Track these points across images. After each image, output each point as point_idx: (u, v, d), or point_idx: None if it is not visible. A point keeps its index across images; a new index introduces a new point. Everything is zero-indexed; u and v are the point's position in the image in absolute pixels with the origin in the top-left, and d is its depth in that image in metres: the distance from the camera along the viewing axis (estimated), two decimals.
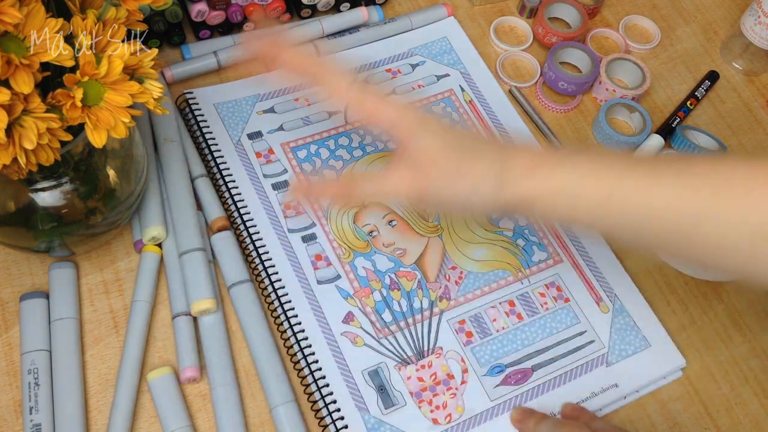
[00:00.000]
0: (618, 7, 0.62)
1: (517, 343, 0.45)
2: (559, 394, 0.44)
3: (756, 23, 0.56)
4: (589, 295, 0.47)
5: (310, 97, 0.53)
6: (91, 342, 0.43)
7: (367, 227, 0.48)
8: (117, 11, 0.33)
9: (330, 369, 0.42)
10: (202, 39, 0.54)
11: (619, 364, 0.45)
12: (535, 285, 0.47)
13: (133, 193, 0.42)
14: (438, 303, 0.46)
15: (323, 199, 0.48)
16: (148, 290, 0.43)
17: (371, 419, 0.41)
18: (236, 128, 0.50)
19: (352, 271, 0.46)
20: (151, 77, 0.33)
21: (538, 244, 0.49)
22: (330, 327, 0.44)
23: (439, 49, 0.56)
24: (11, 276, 0.44)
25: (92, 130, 0.32)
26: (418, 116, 0.38)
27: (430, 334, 0.45)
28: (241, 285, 0.44)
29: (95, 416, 0.40)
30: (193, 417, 0.41)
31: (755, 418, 0.45)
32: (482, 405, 0.43)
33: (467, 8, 0.60)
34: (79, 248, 0.43)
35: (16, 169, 0.32)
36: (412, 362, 0.43)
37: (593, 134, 0.56)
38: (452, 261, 0.47)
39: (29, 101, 0.30)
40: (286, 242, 0.46)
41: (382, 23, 0.56)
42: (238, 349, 0.43)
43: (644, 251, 0.49)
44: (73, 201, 0.39)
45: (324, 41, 0.55)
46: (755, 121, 0.58)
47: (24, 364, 0.40)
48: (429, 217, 0.49)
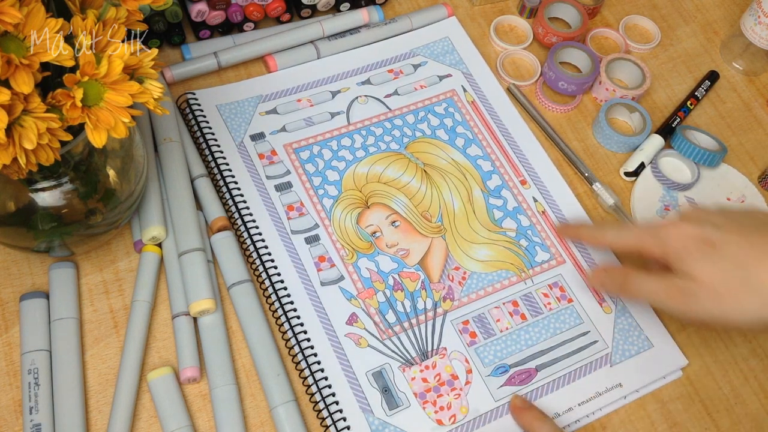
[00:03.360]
0: (618, 7, 0.62)
1: (520, 344, 0.45)
2: (563, 394, 0.44)
3: (756, 23, 0.56)
4: (592, 295, 0.47)
5: (312, 97, 0.53)
6: (91, 342, 0.42)
7: (370, 228, 0.48)
8: (117, 11, 0.33)
9: (334, 370, 0.42)
10: (202, 39, 0.54)
11: (623, 364, 0.45)
12: (539, 285, 0.47)
13: (133, 193, 0.42)
14: (442, 303, 0.46)
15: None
16: (148, 290, 0.43)
17: (375, 421, 0.41)
18: (239, 129, 0.50)
19: (356, 272, 0.46)
20: (151, 77, 0.33)
21: (541, 244, 0.49)
22: (334, 328, 0.44)
23: (441, 49, 0.56)
24: (11, 276, 0.44)
25: (92, 130, 0.32)
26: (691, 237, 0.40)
27: (434, 334, 0.44)
28: (241, 285, 0.44)
29: (95, 416, 0.40)
30: (193, 417, 0.41)
31: (755, 418, 0.45)
32: (486, 405, 0.43)
33: (467, 8, 0.60)
34: (79, 248, 0.43)
35: (16, 169, 0.32)
36: (416, 363, 0.43)
37: (593, 134, 0.56)
38: (455, 261, 0.47)
39: (29, 101, 0.30)
40: (289, 243, 0.46)
41: (383, 24, 0.56)
42: (238, 349, 0.43)
43: None
44: (73, 201, 0.39)
45: (325, 42, 0.55)
46: (755, 121, 0.58)
47: (24, 364, 0.40)
48: (432, 218, 0.49)
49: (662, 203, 0.52)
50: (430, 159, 0.51)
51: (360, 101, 0.53)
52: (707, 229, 0.41)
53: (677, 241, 0.41)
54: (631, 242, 0.44)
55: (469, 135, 0.53)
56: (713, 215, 0.42)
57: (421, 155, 0.51)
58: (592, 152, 0.55)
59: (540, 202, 0.50)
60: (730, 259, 0.39)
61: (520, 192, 0.51)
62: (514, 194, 0.51)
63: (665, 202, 0.52)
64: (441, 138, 0.52)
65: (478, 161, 0.52)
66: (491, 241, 0.48)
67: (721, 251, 0.40)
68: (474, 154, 0.52)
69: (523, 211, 0.50)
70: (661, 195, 0.53)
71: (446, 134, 0.52)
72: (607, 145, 0.55)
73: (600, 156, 0.55)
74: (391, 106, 0.53)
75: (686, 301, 0.40)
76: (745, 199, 0.53)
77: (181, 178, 0.46)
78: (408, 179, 0.50)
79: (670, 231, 0.41)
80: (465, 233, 0.48)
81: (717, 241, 0.40)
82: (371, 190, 0.49)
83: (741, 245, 0.39)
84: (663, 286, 0.41)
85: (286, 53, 0.54)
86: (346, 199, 0.48)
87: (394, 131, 0.52)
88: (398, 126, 0.52)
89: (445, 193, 0.50)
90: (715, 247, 0.40)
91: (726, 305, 0.39)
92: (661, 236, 0.42)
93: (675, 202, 0.52)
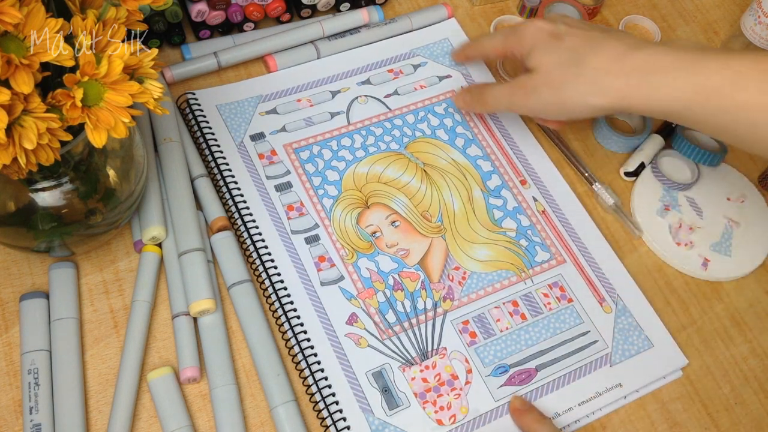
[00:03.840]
0: (618, 7, 0.62)
1: (520, 344, 0.45)
2: (563, 394, 0.44)
3: (756, 23, 0.56)
4: (592, 295, 0.47)
5: (311, 97, 0.53)
6: (91, 342, 0.42)
7: (370, 228, 0.48)
8: (117, 11, 0.33)
9: (334, 370, 0.42)
10: (202, 39, 0.54)
11: (623, 364, 0.45)
12: (539, 285, 0.47)
13: (133, 193, 0.42)
14: (442, 303, 0.46)
15: None
16: (148, 290, 0.43)
17: (375, 421, 0.41)
18: (239, 130, 0.50)
19: (356, 272, 0.46)
20: (151, 77, 0.33)
21: (541, 244, 0.49)
22: (334, 328, 0.44)
23: (441, 50, 0.56)
24: (11, 276, 0.44)
25: (92, 130, 0.32)
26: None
27: (434, 334, 0.44)
28: (241, 285, 0.44)
29: (95, 416, 0.40)
30: (193, 417, 0.41)
31: (755, 418, 0.45)
32: (486, 405, 0.43)
33: (467, 8, 0.60)
34: (79, 248, 0.43)
35: (16, 169, 0.32)
36: (416, 363, 0.43)
37: (593, 134, 0.56)
38: (455, 261, 0.47)
39: (29, 101, 0.30)
40: (290, 244, 0.46)
41: (383, 24, 0.56)
42: (238, 349, 0.43)
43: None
44: (73, 201, 0.39)
45: (325, 42, 0.55)
46: None
47: (24, 364, 0.40)
48: (432, 218, 0.49)
49: (662, 203, 0.52)
50: (430, 159, 0.51)
51: (360, 101, 0.53)
52: (558, 26, 0.44)
53: (531, 36, 0.45)
54: (500, 45, 0.48)
55: (469, 135, 0.53)
56: (572, 19, 0.46)
57: (421, 155, 0.51)
58: (592, 152, 0.55)
59: (540, 202, 0.50)
60: (568, 49, 0.43)
61: (520, 192, 0.51)
62: (514, 194, 0.51)
63: (665, 202, 0.52)
64: (441, 138, 0.52)
65: (478, 161, 0.52)
66: (491, 241, 0.48)
67: (563, 43, 0.43)
68: (474, 154, 0.52)
69: (523, 211, 0.50)
70: (661, 195, 0.53)
71: (446, 134, 0.52)
72: (607, 145, 0.55)
73: (600, 156, 0.55)
74: (391, 106, 0.53)
75: (528, 94, 0.44)
76: (745, 199, 0.53)
77: (181, 178, 0.46)
78: (408, 179, 0.50)
79: (528, 27, 0.45)
80: (465, 233, 0.48)
81: (562, 34, 0.43)
82: (371, 190, 0.49)
83: (581, 38, 0.43)
84: (509, 87, 0.45)
85: (286, 53, 0.54)
86: (346, 199, 0.48)
87: (394, 131, 0.52)
88: (398, 126, 0.52)
89: (445, 193, 0.50)
90: (560, 40, 0.43)
91: (561, 92, 0.43)
92: (519, 33, 0.46)
93: (675, 202, 0.52)
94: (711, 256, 0.50)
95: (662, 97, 0.40)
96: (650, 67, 0.40)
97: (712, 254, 0.50)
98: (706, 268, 0.50)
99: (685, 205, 0.52)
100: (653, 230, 0.51)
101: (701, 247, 0.51)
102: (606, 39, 0.42)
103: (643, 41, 0.43)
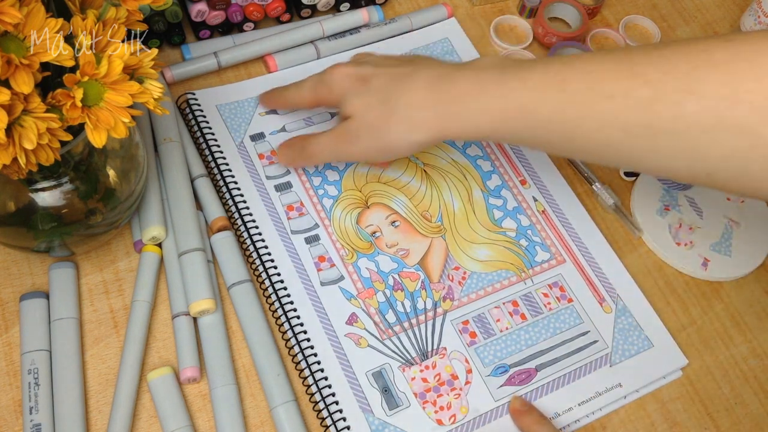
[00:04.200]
0: (618, 7, 0.62)
1: (520, 344, 0.45)
2: (562, 394, 0.44)
3: (756, 23, 0.56)
4: (592, 295, 0.47)
5: None
6: (91, 342, 0.42)
7: (370, 228, 0.48)
8: (117, 11, 0.33)
9: (334, 370, 0.42)
10: (202, 39, 0.54)
11: (623, 364, 0.45)
12: (539, 285, 0.47)
13: (133, 193, 0.42)
14: (441, 303, 0.46)
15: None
16: (148, 290, 0.43)
17: (375, 421, 0.41)
18: (239, 130, 0.50)
19: (356, 272, 0.46)
20: (151, 77, 0.33)
21: (541, 244, 0.49)
22: (333, 328, 0.44)
23: (441, 50, 0.56)
24: (11, 276, 0.44)
25: (92, 130, 0.32)
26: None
27: (434, 334, 0.44)
28: (241, 285, 0.44)
29: (95, 416, 0.40)
30: (193, 417, 0.41)
31: (755, 418, 0.45)
32: (486, 405, 0.43)
33: (467, 8, 0.60)
34: (79, 248, 0.43)
35: (16, 169, 0.32)
36: (416, 363, 0.43)
37: None
38: (455, 261, 0.47)
39: (29, 101, 0.30)
40: (290, 244, 0.46)
41: (383, 24, 0.56)
42: (238, 349, 0.43)
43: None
44: (73, 201, 0.39)
45: (325, 42, 0.55)
46: None
47: (24, 364, 0.40)
48: (432, 218, 0.49)
49: (662, 203, 0.52)
50: (430, 159, 0.51)
51: None
52: (363, 68, 0.43)
53: (338, 84, 0.43)
54: (308, 96, 0.46)
55: None
56: (375, 57, 0.45)
57: (421, 155, 0.51)
58: None
59: (540, 202, 0.50)
60: (377, 90, 0.41)
61: (520, 192, 0.51)
62: (514, 194, 0.51)
63: (665, 202, 0.52)
64: None
65: (477, 161, 0.52)
66: (491, 241, 0.48)
67: (371, 85, 0.42)
68: (474, 154, 0.52)
69: (522, 211, 0.50)
70: (661, 195, 0.53)
71: None
72: None
73: None
74: None
75: (350, 140, 0.42)
76: (745, 199, 0.53)
77: (181, 178, 0.46)
78: (408, 179, 0.50)
79: (333, 74, 0.44)
80: (465, 233, 0.48)
81: (369, 76, 0.42)
82: (371, 190, 0.49)
83: (388, 76, 0.42)
84: (332, 137, 0.43)
85: (286, 53, 0.54)
86: (346, 199, 0.48)
87: None
88: None
89: (445, 193, 0.50)
90: (367, 83, 0.42)
91: (382, 136, 0.41)
92: (327, 81, 0.44)
93: (675, 202, 0.52)
94: (711, 256, 0.50)
95: (474, 124, 0.39)
96: (455, 97, 0.39)
97: (712, 254, 0.50)
98: (706, 268, 0.50)
99: (685, 205, 0.52)
100: (653, 230, 0.51)
101: (701, 247, 0.51)
102: (413, 72, 0.41)
103: (451, 68, 0.41)
